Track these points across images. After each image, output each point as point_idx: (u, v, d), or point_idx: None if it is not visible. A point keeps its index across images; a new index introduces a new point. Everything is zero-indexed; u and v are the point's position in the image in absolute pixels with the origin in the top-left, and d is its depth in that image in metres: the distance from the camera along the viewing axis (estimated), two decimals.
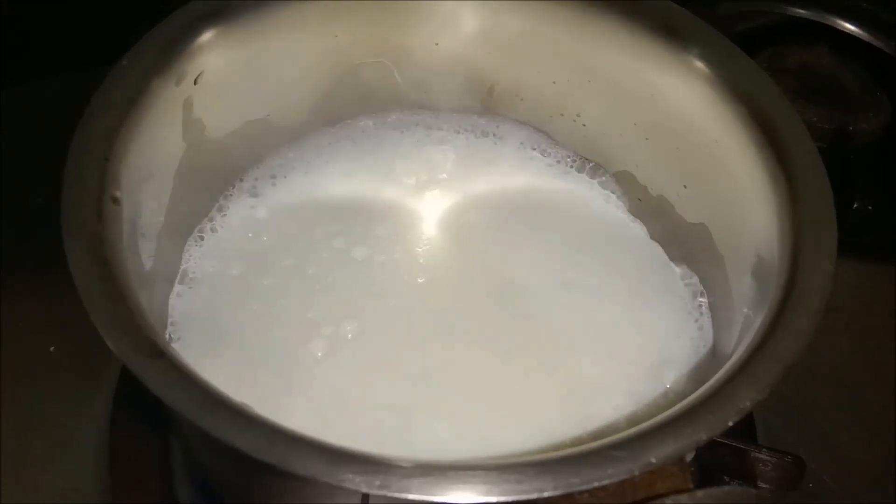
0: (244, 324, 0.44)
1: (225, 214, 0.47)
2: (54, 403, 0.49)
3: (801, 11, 0.70)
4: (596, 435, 0.40)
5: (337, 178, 0.50)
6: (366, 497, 0.31)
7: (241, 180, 0.49)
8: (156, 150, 0.40)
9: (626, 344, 0.44)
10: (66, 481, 0.47)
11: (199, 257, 0.46)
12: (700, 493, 0.28)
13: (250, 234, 0.47)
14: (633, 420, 0.40)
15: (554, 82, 0.49)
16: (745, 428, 0.49)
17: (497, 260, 0.48)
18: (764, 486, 0.37)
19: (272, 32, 0.44)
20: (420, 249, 0.48)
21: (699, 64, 0.43)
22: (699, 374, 0.42)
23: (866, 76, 0.66)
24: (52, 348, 0.51)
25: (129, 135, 0.37)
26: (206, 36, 0.42)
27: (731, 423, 0.30)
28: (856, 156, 0.62)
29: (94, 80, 0.38)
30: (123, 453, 0.47)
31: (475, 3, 0.47)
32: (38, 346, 0.51)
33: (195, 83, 0.42)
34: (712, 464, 0.37)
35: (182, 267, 0.45)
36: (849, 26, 0.70)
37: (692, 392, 0.32)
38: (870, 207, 0.61)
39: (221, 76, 0.43)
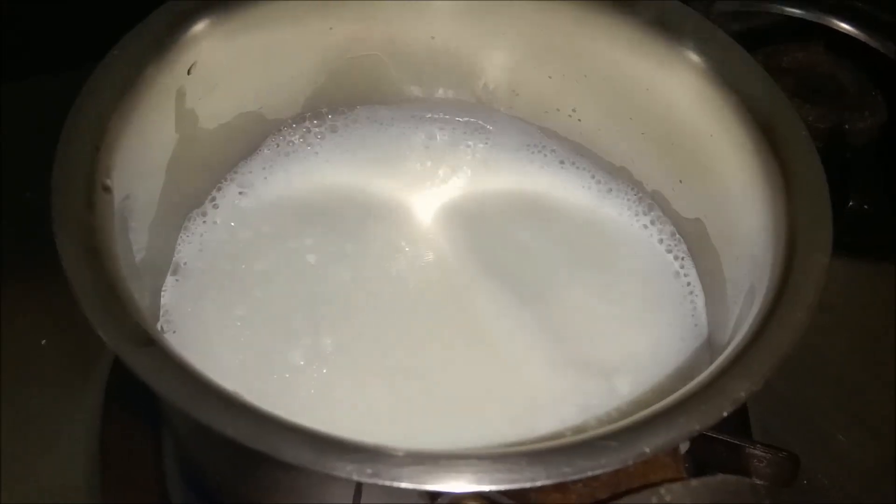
0: (235, 319, 0.44)
1: (217, 207, 0.47)
2: (45, 399, 0.49)
3: (797, 11, 0.70)
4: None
5: (331, 173, 0.50)
6: (359, 489, 0.31)
7: (235, 173, 0.48)
8: (148, 140, 0.40)
9: (622, 338, 0.44)
10: (57, 478, 0.47)
11: (191, 250, 0.45)
12: (694, 483, 0.28)
13: (242, 228, 0.47)
14: (625, 413, 0.40)
15: (549, 77, 0.49)
16: (740, 425, 0.49)
17: (491, 255, 0.47)
18: (758, 482, 0.36)
19: (267, 24, 0.44)
20: (414, 246, 0.48)
21: (695, 58, 0.43)
22: (695, 367, 0.42)
23: (863, 76, 0.66)
24: (43, 342, 0.51)
25: (121, 124, 0.37)
26: (200, 26, 0.41)
27: (725, 414, 0.30)
28: (852, 155, 0.62)
29: None
30: (115, 449, 0.46)
31: None
32: (29, 340, 0.51)
33: (188, 73, 0.42)
34: (707, 460, 0.37)
35: (174, 259, 0.45)
36: (845, 26, 0.70)
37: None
38: (866, 207, 0.61)
39: (215, 67, 0.43)
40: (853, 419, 0.52)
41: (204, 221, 0.46)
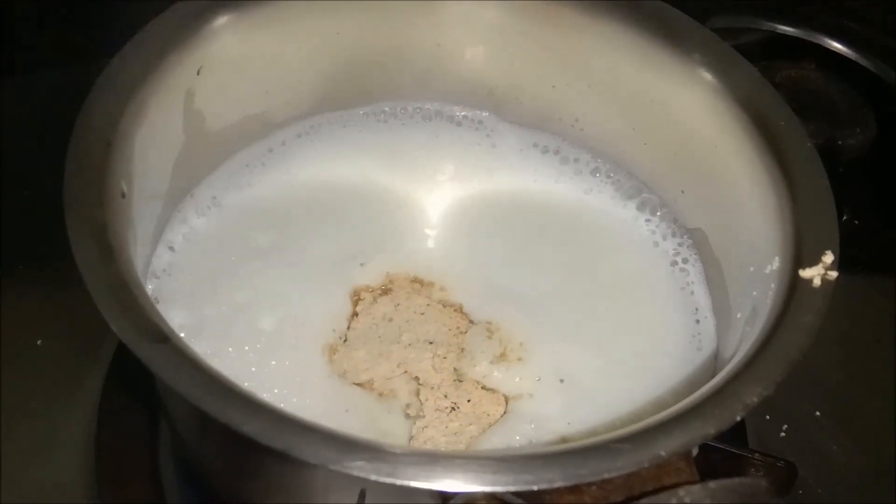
0: (234, 313, 0.43)
1: (220, 205, 0.47)
2: (41, 399, 0.49)
3: (789, 30, 0.71)
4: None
5: (335, 174, 0.50)
6: (362, 495, 0.31)
7: (237, 171, 0.48)
8: (157, 139, 0.40)
9: (627, 346, 0.44)
10: (53, 478, 0.46)
11: (191, 246, 0.45)
12: (712, 485, 0.28)
13: (244, 226, 0.47)
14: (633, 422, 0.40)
15: (553, 86, 0.49)
16: (737, 436, 0.49)
17: (491, 256, 0.48)
18: None
19: (276, 27, 0.44)
20: (416, 249, 0.48)
21: (700, 69, 0.43)
22: (700, 377, 0.42)
23: (853, 92, 0.67)
24: (39, 342, 0.50)
25: (132, 122, 0.37)
26: (210, 28, 0.42)
27: (738, 418, 0.31)
28: (844, 170, 0.63)
29: (98, 71, 0.38)
30: (111, 449, 0.46)
31: (476, 6, 0.47)
32: (26, 340, 0.50)
33: (197, 74, 0.42)
34: (705, 469, 0.37)
35: (168, 254, 0.44)
36: (835, 45, 0.71)
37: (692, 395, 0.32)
38: (857, 222, 0.62)
39: (223, 69, 0.43)
40: (846, 429, 0.53)
41: (207, 218, 0.46)
